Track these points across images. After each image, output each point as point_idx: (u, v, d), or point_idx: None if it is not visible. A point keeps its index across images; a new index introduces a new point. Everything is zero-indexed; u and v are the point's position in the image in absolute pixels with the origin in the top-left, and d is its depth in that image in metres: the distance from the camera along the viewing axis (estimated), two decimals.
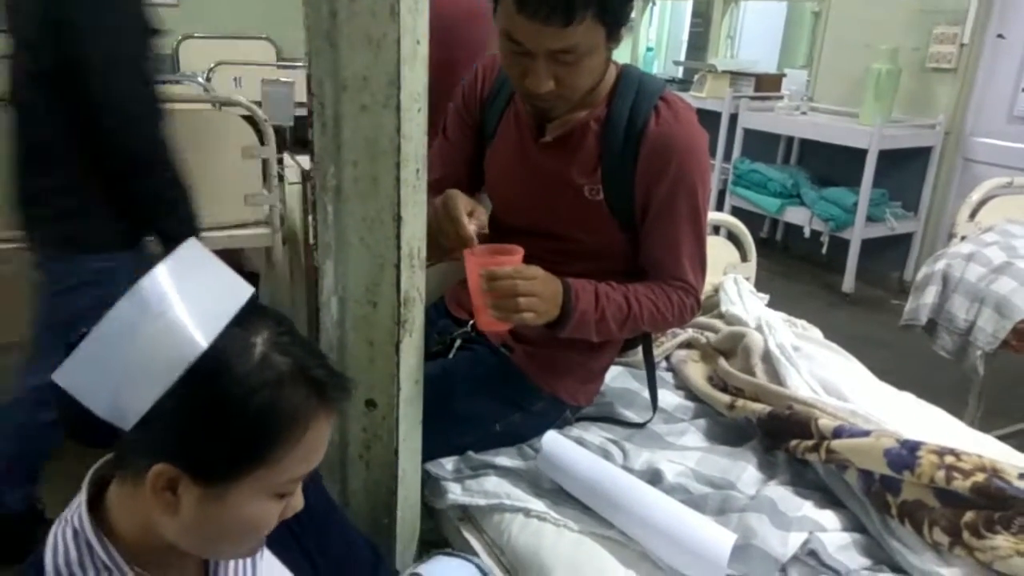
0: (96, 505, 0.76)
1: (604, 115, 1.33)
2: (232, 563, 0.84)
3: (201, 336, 0.68)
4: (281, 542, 0.91)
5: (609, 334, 1.35)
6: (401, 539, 1.32)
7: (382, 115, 1.11)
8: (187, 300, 0.69)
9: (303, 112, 1.18)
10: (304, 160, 3.53)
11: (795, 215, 4.28)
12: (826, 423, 1.29)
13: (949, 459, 1.15)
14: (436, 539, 1.40)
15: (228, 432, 0.69)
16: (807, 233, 4.22)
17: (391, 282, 1.18)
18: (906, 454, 1.16)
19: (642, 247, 1.39)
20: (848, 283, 4.05)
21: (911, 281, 2.61)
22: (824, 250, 4.19)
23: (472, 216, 1.25)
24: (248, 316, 0.72)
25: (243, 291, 0.74)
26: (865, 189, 3.88)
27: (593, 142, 1.34)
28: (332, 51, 1.09)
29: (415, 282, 1.20)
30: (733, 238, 2.03)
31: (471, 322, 1.50)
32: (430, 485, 1.38)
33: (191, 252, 0.73)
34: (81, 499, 0.76)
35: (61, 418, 0.72)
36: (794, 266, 4.58)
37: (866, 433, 1.25)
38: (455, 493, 1.35)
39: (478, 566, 1.13)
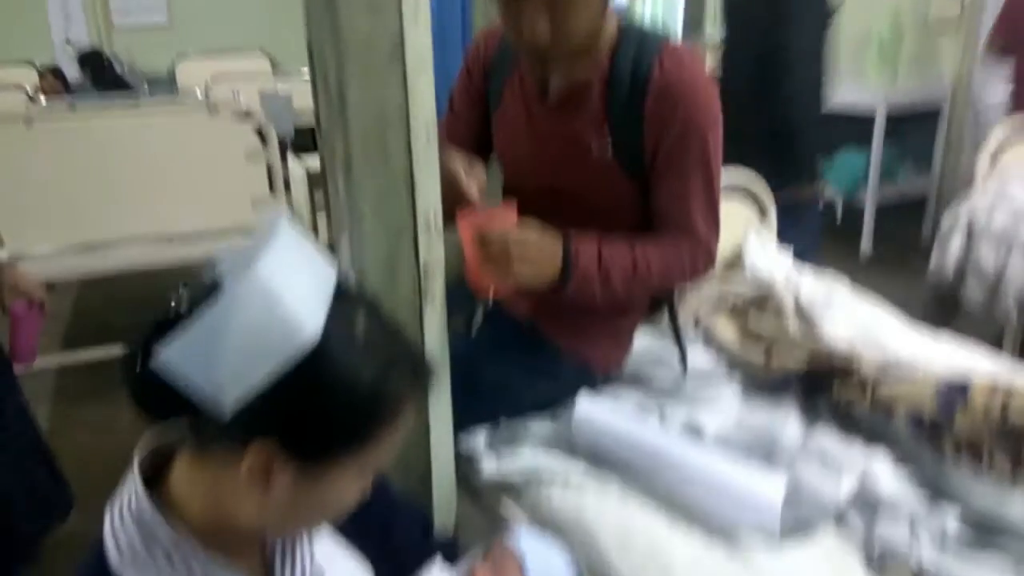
0: (150, 484, 0.73)
1: (607, 70, 1.29)
2: (291, 540, 0.82)
3: (311, 322, 0.66)
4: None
5: (615, 293, 1.30)
6: (438, 517, 1.29)
7: (387, 79, 1.08)
8: (295, 284, 0.67)
9: (301, 122, 1.16)
10: (309, 159, 3.54)
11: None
12: (868, 370, 1.25)
13: (1001, 393, 1.10)
14: (473, 515, 1.37)
15: (335, 413, 0.68)
16: (820, 204, 4.15)
17: (409, 252, 1.15)
18: (956, 392, 1.12)
19: (652, 201, 1.35)
20: (866, 245, 3.99)
21: (930, 239, 2.56)
22: (839, 220, 4.14)
23: (471, 175, 1.22)
24: (342, 298, 0.71)
25: (332, 271, 0.73)
26: (876, 150, 3.82)
27: (598, 99, 1.30)
28: (331, 15, 1.06)
29: (433, 250, 1.16)
30: (751, 196, 1.98)
31: (491, 296, 1.46)
32: (463, 461, 1.35)
33: (291, 234, 0.71)
34: (135, 481, 0.73)
35: (130, 390, 0.69)
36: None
37: (912, 376, 1.20)
38: (490, 468, 1.32)
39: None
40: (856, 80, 4.13)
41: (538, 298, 1.42)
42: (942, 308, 2.34)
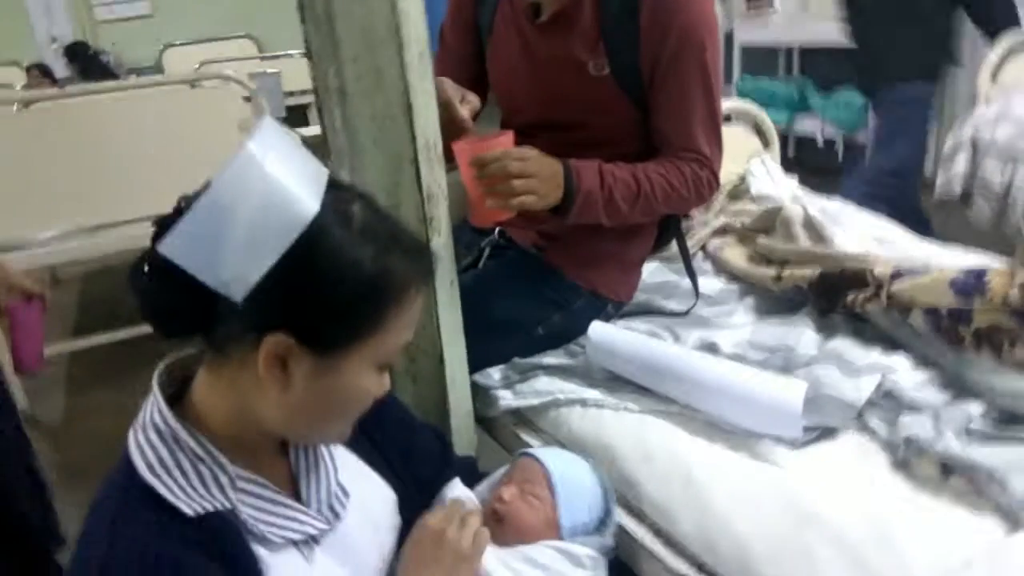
0: (172, 403, 0.74)
1: None
2: (314, 457, 0.82)
3: (308, 197, 0.67)
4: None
5: (620, 216, 1.28)
6: (457, 447, 1.28)
7: None
8: (286, 163, 0.68)
9: (294, 101, 1.13)
10: (307, 131, 3.51)
11: (805, 125, 4.18)
12: (882, 270, 1.23)
13: (1020, 277, 1.08)
14: (490, 446, 1.36)
15: (341, 297, 0.68)
16: (820, 142, 4.12)
17: (411, 179, 1.13)
18: (973, 280, 1.10)
19: (652, 121, 1.32)
20: None
21: (933, 171, 2.53)
22: (840, 159, 4.10)
23: (464, 101, 1.20)
24: (336, 189, 0.71)
25: (322, 166, 0.73)
26: None
27: (591, 13, 1.27)
28: None
29: (435, 176, 1.14)
30: (754, 125, 1.95)
31: (497, 229, 1.45)
32: (479, 396, 1.33)
33: (277, 128, 0.70)
34: (156, 398, 0.73)
35: (143, 306, 0.70)
36: (810, 181, 4.48)
37: (926, 272, 1.19)
38: (506, 399, 1.31)
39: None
40: None
41: (544, 228, 1.41)
42: (949, 227, 2.31)
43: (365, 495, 0.87)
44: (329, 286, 0.68)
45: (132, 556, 0.65)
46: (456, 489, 0.97)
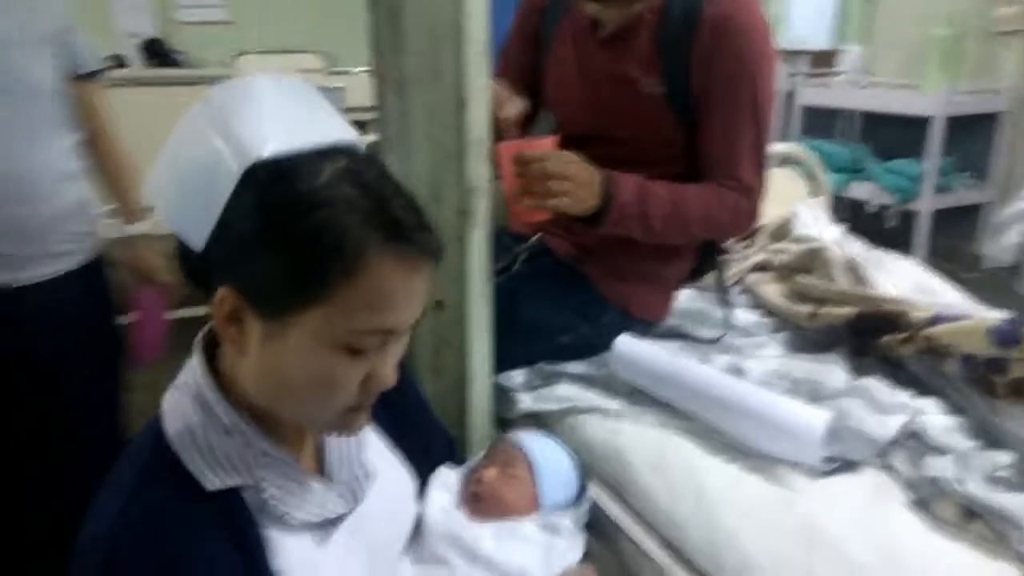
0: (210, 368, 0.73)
1: (660, 5, 1.29)
2: (341, 444, 0.81)
3: (262, 146, 0.64)
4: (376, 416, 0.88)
5: (654, 233, 1.28)
6: (472, 450, 1.28)
7: None
8: (261, 115, 0.66)
9: (353, 117, 1.16)
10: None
11: (859, 190, 4.13)
12: (921, 314, 1.21)
13: None
14: None
15: (282, 252, 0.63)
16: (873, 208, 4.07)
17: (455, 172, 1.16)
18: (1013, 328, 1.08)
19: (699, 145, 1.33)
20: (919, 253, 3.89)
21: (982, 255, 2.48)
22: (892, 223, 4.04)
23: (511, 103, 1.22)
24: (335, 150, 0.67)
25: (340, 132, 0.70)
26: (932, 156, 3.73)
27: (649, 34, 1.29)
28: None
29: (479, 171, 1.17)
30: (804, 170, 1.95)
31: (536, 235, 1.46)
32: (499, 397, 1.34)
33: (299, 85, 0.71)
34: (195, 360, 0.73)
35: (177, 255, 0.72)
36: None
37: (966, 318, 1.17)
38: (526, 402, 1.31)
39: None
40: (912, 85, 4.06)
41: (581, 240, 1.42)
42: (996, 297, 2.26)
43: (387, 479, 0.86)
44: (269, 239, 0.63)
45: (142, 544, 0.64)
46: (445, 470, 0.99)
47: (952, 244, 4.11)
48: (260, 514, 0.71)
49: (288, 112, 0.69)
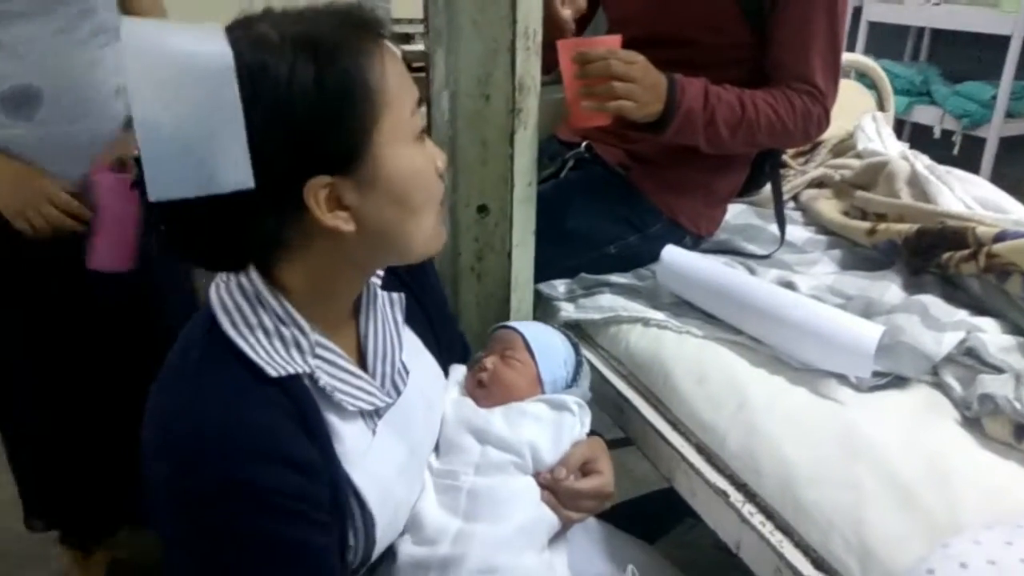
0: None
1: None
2: (383, 332, 0.83)
3: (220, 45, 0.62)
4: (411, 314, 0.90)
5: (720, 140, 1.23)
6: None
7: None
8: (174, 46, 0.62)
9: (400, 29, 1.10)
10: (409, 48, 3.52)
11: (924, 114, 3.94)
12: (986, 230, 1.15)
13: None
14: None
15: (323, 110, 0.65)
16: (937, 133, 3.89)
17: (506, 67, 1.12)
18: None
19: (768, 48, 1.26)
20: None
21: None
22: (956, 151, 3.86)
23: (569, 1, 1.17)
24: (230, 28, 0.66)
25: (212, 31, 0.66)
26: (1007, 80, 3.52)
27: None
28: None
29: (530, 67, 1.13)
30: (870, 83, 1.85)
31: (585, 142, 1.42)
32: (541, 306, 1.33)
33: (134, 30, 0.63)
34: (250, 268, 0.72)
35: (199, 262, 0.71)
36: None
37: None
38: (567, 311, 1.29)
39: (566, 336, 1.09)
40: (989, 2, 3.81)
41: (634, 148, 1.37)
42: None
43: (421, 373, 0.88)
44: (305, 109, 0.64)
45: (222, 417, 0.65)
46: (456, 372, 1.02)
47: (1020, 174, 3.92)
48: (320, 401, 0.72)
49: (176, 28, 0.65)
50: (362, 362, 0.81)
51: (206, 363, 0.68)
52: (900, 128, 4.56)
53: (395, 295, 0.86)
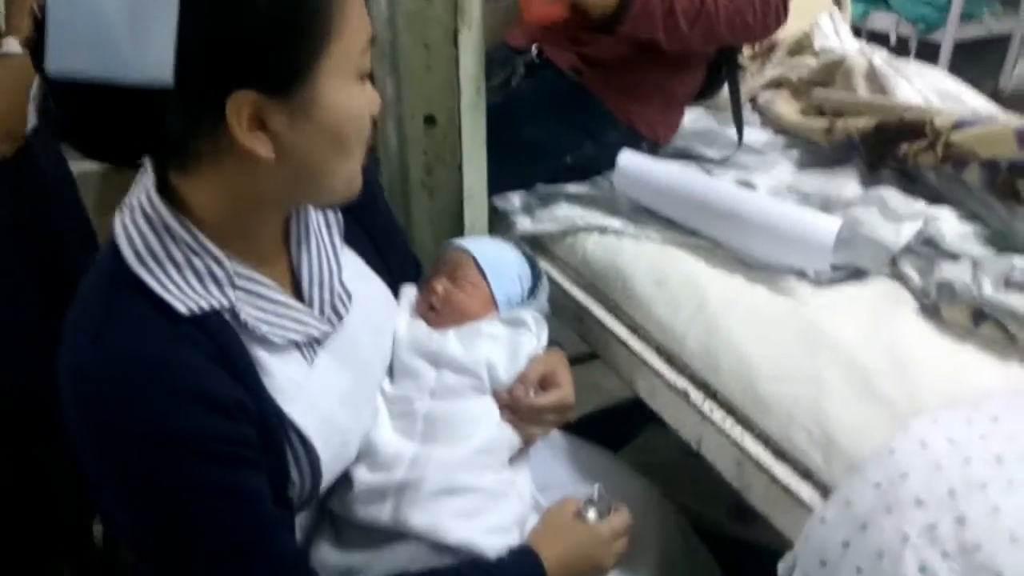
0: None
1: None
2: (318, 256, 0.77)
3: None
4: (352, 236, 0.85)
5: (679, 33, 1.18)
6: None
7: None
8: None
9: None
10: None
11: (879, 21, 3.90)
12: (943, 121, 1.13)
13: None
14: None
15: (269, 21, 0.58)
16: (893, 40, 3.86)
17: None
18: None
19: None
20: None
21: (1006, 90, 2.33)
22: (912, 55, 3.84)
23: None
24: None
25: None
26: None
27: None
28: None
29: None
30: None
31: (534, 45, 1.36)
32: (496, 219, 1.29)
33: None
34: (147, 183, 0.66)
35: (81, 147, 0.62)
36: None
37: (990, 123, 1.09)
38: (524, 224, 1.26)
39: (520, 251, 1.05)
40: None
41: (586, 51, 1.32)
42: None
43: (366, 296, 0.84)
44: (253, 12, 0.57)
45: (130, 359, 0.61)
46: (407, 293, 0.97)
47: (975, 78, 3.92)
48: (244, 335, 0.68)
49: None
50: (297, 291, 0.76)
51: (113, 301, 0.63)
52: (857, 35, 4.52)
53: (330, 215, 0.81)
